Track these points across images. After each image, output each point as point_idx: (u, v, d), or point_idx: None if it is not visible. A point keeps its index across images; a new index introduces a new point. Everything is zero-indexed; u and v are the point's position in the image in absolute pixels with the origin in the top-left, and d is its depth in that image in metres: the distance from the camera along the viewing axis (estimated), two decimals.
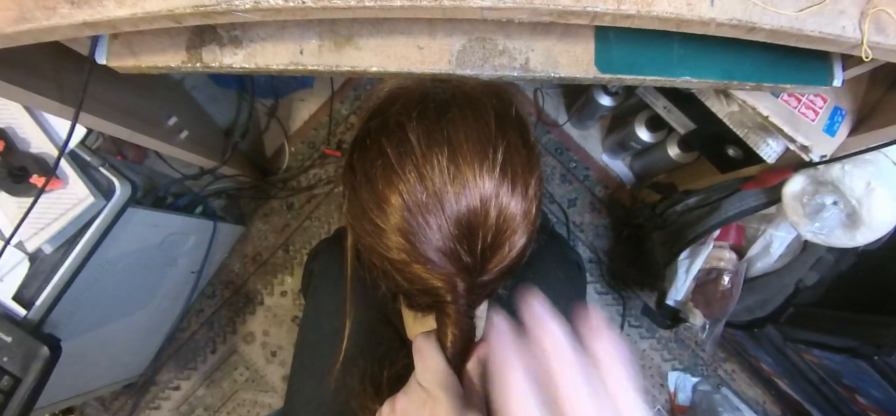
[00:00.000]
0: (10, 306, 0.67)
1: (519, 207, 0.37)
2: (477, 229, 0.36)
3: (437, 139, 0.36)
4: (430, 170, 0.35)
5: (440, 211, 0.35)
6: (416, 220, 0.35)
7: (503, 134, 0.37)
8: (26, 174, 0.63)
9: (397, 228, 0.36)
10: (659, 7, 0.38)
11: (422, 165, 0.35)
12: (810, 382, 0.99)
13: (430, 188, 0.35)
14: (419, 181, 0.35)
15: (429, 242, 0.35)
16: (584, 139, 1.36)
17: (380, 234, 0.37)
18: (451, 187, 0.35)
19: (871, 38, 0.38)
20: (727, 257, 0.91)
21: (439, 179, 0.35)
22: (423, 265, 0.36)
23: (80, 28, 0.39)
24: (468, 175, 0.35)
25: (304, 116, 1.38)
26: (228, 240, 1.32)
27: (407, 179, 0.35)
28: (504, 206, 0.36)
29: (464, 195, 0.35)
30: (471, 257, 0.36)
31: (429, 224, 0.35)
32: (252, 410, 1.33)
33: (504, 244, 0.37)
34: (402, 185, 0.35)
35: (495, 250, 0.37)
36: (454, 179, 0.35)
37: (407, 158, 0.36)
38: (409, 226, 0.35)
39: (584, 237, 1.36)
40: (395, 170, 0.36)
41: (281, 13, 0.38)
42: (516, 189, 0.37)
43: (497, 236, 0.37)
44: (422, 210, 0.35)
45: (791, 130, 0.59)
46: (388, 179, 0.36)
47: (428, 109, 0.38)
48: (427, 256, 0.36)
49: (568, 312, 0.52)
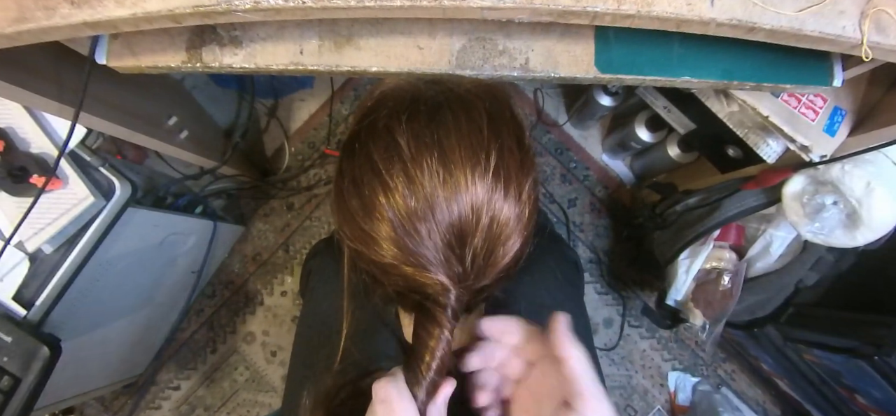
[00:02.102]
0: (10, 306, 0.67)
1: (512, 211, 0.36)
2: (468, 235, 0.35)
3: (426, 143, 0.35)
4: (420, 174, 0.34)
5: (430, 217, 0.34)
6: (404, 226, 0.34)
7: (496, 136, 0.36)
8: (26, 174, 0.63)
9: (386, 235, 0.35)
10: (659, 7, 0.38)
11: (411, 170, 0.34)
12: (810, 382, 0.99)
13: (420, 194, 0.34)
14: (408, 186, 0.34)
15: (419, 247, 0.35)
16: (584, 139, 1.36)
17: (368, 240, 0.36)
18: (441, 192, 0.34)
19: (871, 38, 0.38)
20: (727, 257, 0.91)
21: (429, 183, 0.34)
22: (414, 268, 0.35)
23: (80, 28, 0.39)
24: (460, 179, 0.34)
25: (304, 116, 1.38)
26: (228, 240, 1.32)
27: (395, 184, 0.34)
28: (497, 211, 0.35)
29: (455, 200, 0.34)
30: (461, 266, 0.36)
31: (418, 231, 0.34)
32: (252, 410, 1.33)
33: (497, 250, 0.37)
34: (390, 191, 0.34)
35: (488, 256, 0.36)
36: (445, 184, 0.34)
37: (396, 162, 0.35)
38: (397, 233, 0.35)
39: (584, 237, 1.36)
40: (382, 175, 0.35)
41: (281, 13, 0.38)
42: (510, 193, 0.36)
43: (490, 242, 0.36)
44: (411, 216, 0.34)
45: (791, 130, 0.59)
46: (375, 185, 0.35)
47: (418, 112, 0.37)
48: (418, 260, 0.35)
49: (565, 311, 0.52)
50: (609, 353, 1.34)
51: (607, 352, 1.34)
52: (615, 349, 1.34)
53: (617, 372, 1.34)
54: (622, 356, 1.34)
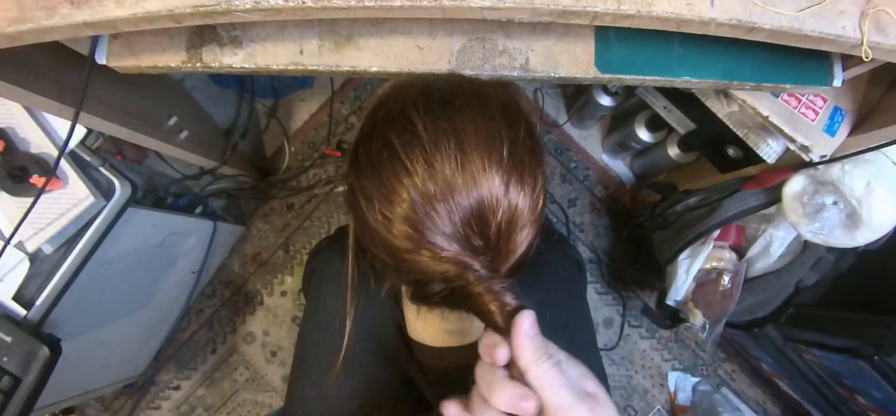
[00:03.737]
0: (10, 306, 0.67)
1: (527, 200, 0.37)
2: (489, 216, 0.35)
3: (444, 128, 0.35)
4: (440, 159, 0.35)
5: (450, 200, 0.34)
6: (424, 209, 0.35)
7: (510, 125, 0.37)
8: (26, 174, 0.63)
9: (405, 217, 0.35)
10: (659, 7, 0.38)
11: (430, 154, 0.35)
12: (810, 382, 0.99)
13: (440, 177, 0.34)
14: (427, 171, 0.35)
15: (436, 232, 0.35)
16: (584, 139, 1.36)
17: (387, 224, 0.36)
18: (460, 177, 0.34)
19: (871, 38, 0.38)
20: (727, 257, 0.91)
21: (448, 168, 0.34)
22: (431, 252, 0.35)
23: (81, 28, 0.39)
24: (477, 165, 0.35)
25: (304, 116, 1.37)
26: (228, 240, 1.32)
27: (414, 168, 0.35)
28: (513, 199, 0.36)
29: (474, 185, 0.34)
30: (483, 240, 0.36)
31: (438, 213, 0.35)
32: (252, 410, 1.33)
33: (513, 238, 0.37)
34: (410, 175, 0.35)
35: (506, 243, 0.37)
36: (463, 169, 0.34)
37: (414, 147, 0.35)
38: (418, 215, 0.35)
39: (584, 237, 1.36)
40: (401, 160, 0.35)
41: (281, 13, 0.38)
42: (525, 182, 0.36)
43: (508, 230, 0.36)
44: (431, 199, 0.35)
45: (791, 130, 0.59)
46: (394, 170, 0.36)
47: (433, 100, 0.38)
48: (435, 243, 0.35)
49: (567, 310, 0.51)
50: (609, 353, 1.34)
51: (607, 352, 1.34)
52: (615, 349, 1.34)
53: (617, 372, 1.34)
54: (622, 356, 1.34)
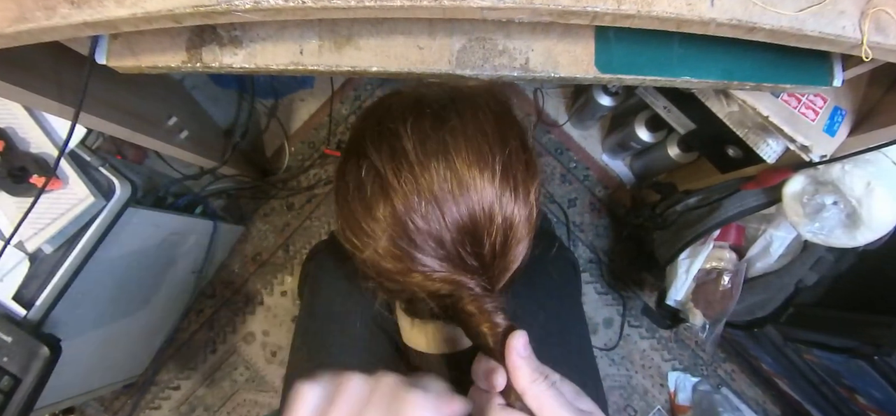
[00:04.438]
0: (10, 306, 0.67)
1: (522, 213, 0.36)
2: (483, 234, 0.34)
3: (433, 147, 0.34)
4: (429, 179, 0.33)
5: (441, 221, 0.33)
6: (411, 230, 0.34)
7: (503, 139, 0.36)
8: (26, 174, 0.63)
9: (391, 238, 0.34)
10: (659, 7, 0.37)
11: (419, 175, 0.34)
12: (810, 382, 0.99)
13: (428, 197, 0.33)
14: (416, 191, 0.33)
15: (429, 251, 0.34)
16: (584, 139, 1.36)
17: (373, 244, 0.35)
18: (451, 197, 0.33)
19: (871, 38, 0.38)
20: (727, 257, 0.91)
21: (438, 188, 0.33)
22: (423, 273, 0.35)
23: (81, 28, 0.39)
24: (469, 182, 0.33)
25: (304, 116, 1.37)
26: (228, 240, 1.32)
27: (402, 189, 0.34)
28: (507, 214, 0.35)
29: (465, 204, 0.33)
30: (478, 262, 0.35)
31: (424, 236, 0.34)
32: (252, 410, 1.33)
33: (508, 254, 0.36)
34: (397, 195, 0.34)
35: (502, 259, 0.36)
36: (454, 188, 0.33)
37: (402, 167, 0.34)
38: (404, 235, 0.34)
39: (584, 237, 1.36)
40: (388, 180, 0.34)
41: (281, 13, 0.38)
42: (519, 195, 0.35)
43: (503, 248, 0.35)
44: (418, 220, 0.33)
45: (791, 130, 0.59)
46: (380, 189, 0.35)
47: (423, 115, 0.36)
48: (426, 264, 0.34)
49: (561, 313, 0.51)
50: (609, 353, 1.34)
51: (607, 352, 1.34)
52: (615, 349, 1.34)
53: (617, 372, 1.34)
54: (622, 356, 1.34)
